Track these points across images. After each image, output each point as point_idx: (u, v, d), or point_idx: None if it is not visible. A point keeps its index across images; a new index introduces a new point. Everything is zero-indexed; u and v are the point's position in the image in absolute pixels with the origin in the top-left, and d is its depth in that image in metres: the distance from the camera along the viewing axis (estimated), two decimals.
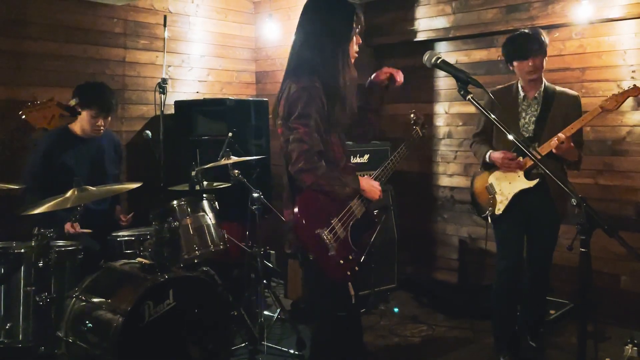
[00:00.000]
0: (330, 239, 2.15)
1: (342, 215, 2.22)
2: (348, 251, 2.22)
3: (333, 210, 2.21)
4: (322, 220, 2.17)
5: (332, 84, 2.21)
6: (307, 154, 2.11)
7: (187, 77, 4.93)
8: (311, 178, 2.13)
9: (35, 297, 2.75)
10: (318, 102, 2.15)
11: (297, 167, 2.13)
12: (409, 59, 5.05)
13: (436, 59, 1.93)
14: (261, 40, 5.35)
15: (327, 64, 2.22)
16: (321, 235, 2.14)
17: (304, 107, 2.14)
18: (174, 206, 3.10)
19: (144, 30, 4.61)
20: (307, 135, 2.12)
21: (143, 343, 2.63)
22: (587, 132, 4.08)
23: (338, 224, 2.19)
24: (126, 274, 2.87)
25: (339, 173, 2.23)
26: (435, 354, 3.53)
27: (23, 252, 2.81)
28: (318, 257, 2.16)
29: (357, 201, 2.30)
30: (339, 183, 2.19)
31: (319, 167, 2.14)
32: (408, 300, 4.52)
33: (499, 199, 3.26)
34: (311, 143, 2.12)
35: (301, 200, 2.18)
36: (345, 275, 2.20)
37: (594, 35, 4.02)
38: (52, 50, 4.09)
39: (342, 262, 2.18)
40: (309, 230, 2.14)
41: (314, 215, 2.16)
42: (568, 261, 4.19)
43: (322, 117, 2.17)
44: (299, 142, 2.12)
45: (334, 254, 2.15)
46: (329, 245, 2.15)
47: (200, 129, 4.59)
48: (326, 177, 2.16)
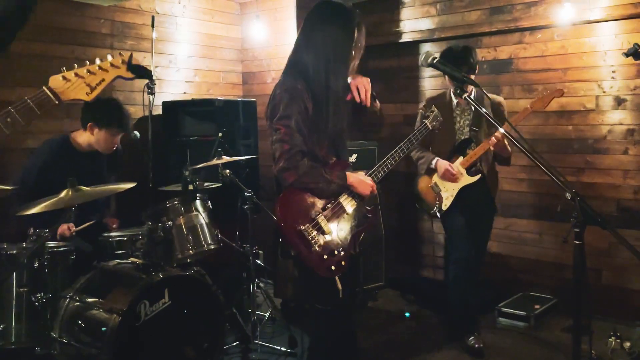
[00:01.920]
0: (315, 235, 2.18)
1: (328, 211, 2.24)
2: (334, 246, 2.23)
3: (319, 206, 2.24)
4: (305, 216, 2.20)
5: (320, 90, 2.24)
6: (288, 154, 2.16)
7: (175, 78, 4.93)
8: (293, 176, 2.17)
9: (30, 297, 2.74)
10: (300, 103, 2.19)
11: (278, 166, 2.18)
12: (394, 60, 5.14)
13: (432, 58, 1.99)
14: (248, 41, 5.37)
15: (318, 71, 2.25)
16: (302, 231, 2.16)
17: (285, 108, 2.19)
18: (167, 206, 3.11)
19: (131, 31, 4.59)
20: (288, 135, 2.17)
21: (138, 342, 2.64)
22: (569, 131, 4.20)
23: (323, 220, 2.22)
24: (120, 274, 2.87)
25: (323, 170, 2.25)
26: (424, 350, 3.59)
27: (16, 253, 2.79)
28: (300, 253, 2.18)
29: (348, 197, 2.31)
30: (323, 180, 2.22)
31: (300, 166, 2.17)
32: (395, 298, 4.58)
33: (445, 195, 3.56)
34: (292, 142, 2.16)
35: (283, 197, 2.21)
36: (329, 270, 2.21)
37: (576, 36, 4.13)
38: (39, 51, 4.05)
39: (326, 257, 2.20)
40: (291, 226, 2.16)
41: (296, 211, 2.19)
42: (552, 257, 4.30)
43: (305, 118, 2.20)
44: (280, 142, 2.18)
45: (317, 249, 2.18)
46: (312, 240, 2.17)
47: (188, 129, 4.58)
48: (309, 174, 2.19)
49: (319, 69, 2.25)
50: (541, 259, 4.38)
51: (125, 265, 2.98)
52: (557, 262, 4.27)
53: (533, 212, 4.42)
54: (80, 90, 1.43)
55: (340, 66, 2.28)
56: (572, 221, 1.63)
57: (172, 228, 3.03)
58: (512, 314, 3.98)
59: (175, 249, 3.07)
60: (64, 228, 3.13)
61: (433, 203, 3.61)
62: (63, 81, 1.38)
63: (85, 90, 1.45)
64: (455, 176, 3.49)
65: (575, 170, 4.17)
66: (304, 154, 2.20)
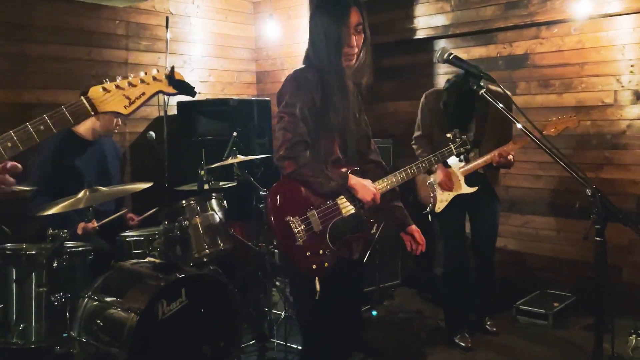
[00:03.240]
0: (301, 229, 2.09)
1: (322, 209, 2.14)
2: (321, 246, 2.12)
3: (313, 202, 2.14)
4: (296, 208, 2.12)
5: (326, 79, 2.17)
6: (290, 142, 2.09)
7: (189, 78, 4.91)
8: (292, 166, 2.10)
9: (49, 297, 2.77)
10: (306, 92, 2.13)
11: (278, 154, 2.11)
12: (408, 57, 5.11)
13: (448, 54, 1.97)
14: (261, 41, 5.37)
15: (320, 60, 2.17)
16: (289, 223, 2.08)
17: (290, 96, 2.14)
18: (184, 206, 3.12)
19: (145, 32, 4.62)
20: (292, 124, 2.10)
21: (156, 341, 2.65)
22: (587, 126, 4.15)
23: (315, 217, 2.11)
24: (138, 273, 2.89)
25: (324, 166, 2.16)
26: (440, 348, 3.56)
27: (36, 253, 2.82)
28: (282, 244, 2.13)
29: (347, 200, 2.18)
30: (323, 175, 2.13)
31: (300, 156, 2.10)
32: (412, 296, 4.56)
33: (440, 198, 3.52)
34: (295, 132, 2.10)
35: (278, 185, 2.16)
36: (310, 267, 2.10)
37: (593, 30, 4.08)
38: (55, 52, 4.10)
39: (309, 254, 2.10)
40: (279, 215, 2.10)
41: (288, 202, 2.12)
42: (570, 254, 4.25)
43: (311, 108, 2.14)
44: (282, 131, 2.11)
45: (300, 244, 2.08)
46: (297, 234, 2.08)
47: (203, 129, 4.60)
48: (309, 167, 2.11)
49: (323, 60, 2.16)
50: (559, 257, 4.33)
51: (142, 264, 3.00)
52: (575, 260, 4.21)
53: (551, 209, 4.37)
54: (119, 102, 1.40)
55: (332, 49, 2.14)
56: (593, 218, 1.60)
57: (188, 227, 3.04)
58: (531, 312, 3.94)
59: (191, 248, 3.08)
60: (84, 225, 3.16)
61: (427, 200, 3.57)
62: (102, 92, 1.38)
63: (124, 103, 1.41)
64: (451, 188, 3.44)
65: (594, 167, 4.12)
66: (307, 145, 2.13)
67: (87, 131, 3.50)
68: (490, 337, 3.67)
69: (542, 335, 3.72)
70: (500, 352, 3.48)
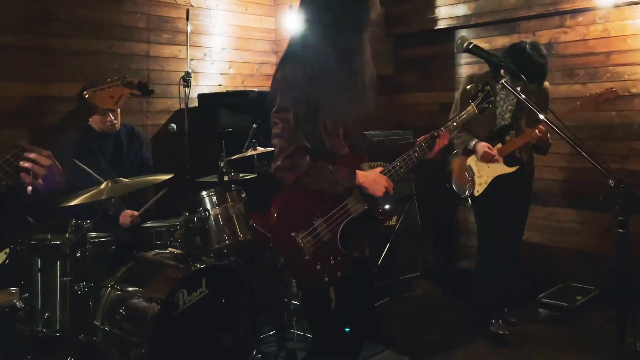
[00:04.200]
0: (308, 242, 1.97)
1: (331, 215, 2.02)
2: (331, 254, 2.02)
3: (320, 209, 2.01)
4: (301, 221, 1.98)
5: (328, 74, 2.00)
6: (286, 151, 1.96)
7: (210, 70, 4.98)
8: (292, 176, 1.97)
9: (73, 286, 2.83)
10: (298, 92, 1.96)
11: (276, 164, 1.99)
12: (429, 48, 5.06)
13: (468, 44, 1.94)
14: (281, 32, 5.37)
15: (321, 53, 2.00)
16: (295, 238, 1.95)
17: (282, 99, 1.98)
18: (204, 197, 3.15)
19: (166, 25, 4.65)
20: (286, 130, 1.97)
21: (177, 330, 2.69)
22: (612, 117, 4.06)
23: (323, 225, 2.00)
24: (159, 264, 2.93)
25: (329, 169, 2.02)
26: (460, 341, 3.54)
27: (60, 243, 2.88)
28: (289, 262, 2.00)
29: (356, 198, 2.08)
30: (327, 181, 1.99)
31: (299, 165, 1.96)
32: (432, 289, 4.53)
33: (478, 181, 3.43)
34: (290, 139, 1.96)
35: (279, 198, 2.02)
36: (321, 280, 2.00)
37: (619, 18, 3.98)
38: (78, 46, 4.15)
39: (319, 267, 1.99)
40: (283, 232, 1.97)
41: (291, 216, 1.99)
42: (594, 247, 4.18)
43: (305, 109, 1.98)
44: (278, 139, 1.99)
45: (308, 259, 1.96)
46: (304, 249, 1.96)
47: (223, 121, 4.63)
48: (311, 175, 1.98)
49: (326, 52, 2.00)
50: (583, 249, 4.26)
51: (163, 255, 3.04)
52: (599, 253, 4.14)
53: (574, 201, 4.30)
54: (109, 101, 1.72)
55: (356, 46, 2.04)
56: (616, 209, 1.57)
57: (208, 219, 3.07)
58: (553, 305, 3.89)
59: (211, 239, 3.10)
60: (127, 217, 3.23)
61: (464, 186, 3.50)
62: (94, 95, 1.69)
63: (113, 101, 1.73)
64: (495, 157, 3.33)
65: (619, 158, 4.03)
66: (306, 151, 1.99)
67: (96, 125, 3.57)
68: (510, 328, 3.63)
69: (565, 329, 3.67)
70: (522, 345, 3.45)
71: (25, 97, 3.91)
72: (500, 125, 3.43)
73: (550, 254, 4.44)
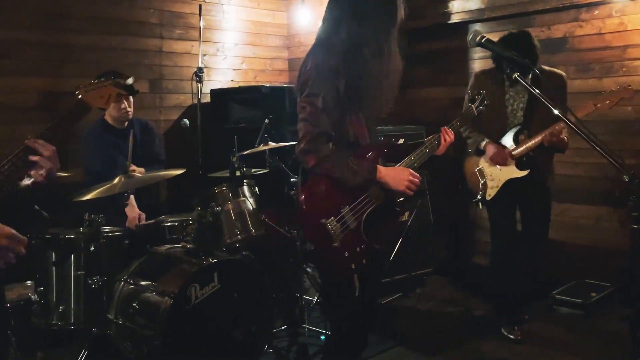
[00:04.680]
0: (337, 229, 2.01)
1: (356, 204, 2.08)
2: (357, 242, 2.07)
3: (346, 198, 2.07)
4: (330, 208, 2.04)
5: (356, 67, 2.08)
6: (311, 135, 2.02)
7: (222, 66, 4.99)
8: (313, 160, 2.03)
9: (87, 280, 2.85)
10: (329, 80, 2.05)
11: (300, 147, 2.05)
12: (442, 42, 5.02)
13: (481, 37, 1.92)
14: (293, 27, 5.37)
15: (353, 46, 2.09)
16: (326, 225, 2.00)
17: (313, 85, 2.05)
18: (216, 192, 3.16)
19: (179, 20, 4.67)
20: (313, 115, 2.03)
21: (189, 324, 2.70)
22: (628, 112, 4.01)
23: (349, 213, 2.06)
24: (172, 258, 2.95)
25: (350, 160, 2.08)
26: (471, 338, 3.53)
27: (74, 237, 2.91)
28: (318, 249, 2.02)
29: (377, 189, 2.15)
30: (347, 170, 2.05)
31: (322, 149, 2.03)
32: (444, 284, 4.52)
33: (490, 184, 3.38)
34: (317, 124, 2.02)
35: (309, 185, 2.07)
36: (349, 268, 2.06)
37: (635, 12, 3.92)
38: (92, 42, 4.18)
39: (346, 254, 2.04)
40: (313, 219, 2.01)
41: (321, 203, 2.04)
42: (609, 243, 4.14)
43: (335, 96, 2.05)
44: (304, 122, 2.05)
45: (337, 245, 2.01)
46: (333, 236, 2.01)
47: (235, 116, 4.64)
48: (331, 161, 2.03)
49: (355, 46, 2.08)
50: (598, 246, 4.22)
51: (176, 249, 3.06)
52: (614, 249, 4.10)
53: (589, 197, 4.26)
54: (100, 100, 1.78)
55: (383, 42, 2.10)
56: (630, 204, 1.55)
57: (220, 213, 3.08)
58: (567, 301, 3.86)
59: (223, 234, 3.12)
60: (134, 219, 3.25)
61: (476, 189, 3.45)
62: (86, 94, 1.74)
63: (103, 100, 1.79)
64: (506, 159, 3.30)
65: (635, 153, 3.97)
66: (329, 137, 2.05)
67: (111, 119, 3.61)
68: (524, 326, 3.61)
69: (579, 326, 3.64)
70: (535, 342, 3.42)
71: (41, 92, 3.95)
72: (513, 124, 3.36)
73: (565, 250, 4.39)
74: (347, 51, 2.08)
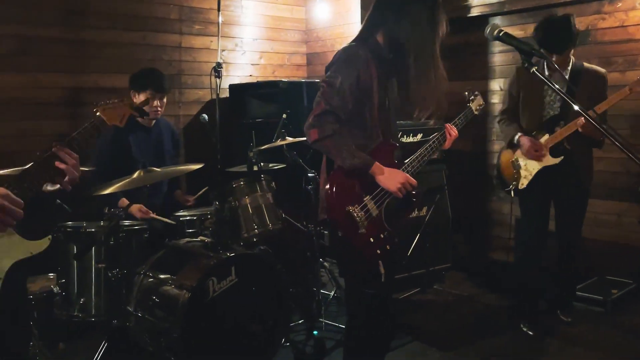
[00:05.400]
0: (362, 216, 2.12)
1: (376, 193, 2.17)
2: (380, 230, 2.17)
3: (367, 188, 2.16)
4: (353, 197, 2.14)
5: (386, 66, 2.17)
6: (318, 110, 2.08)
7: (241, 61, 5.01)
8: (315, 134, 2.08)
9: (107, 273, 2.90)
10: (353, 68, 2.11)
11: (307, 122, 2.11)
12: (462, 36, 4.96)
13: (498, 31, 1.89)
14: (312, 22, 5.36)
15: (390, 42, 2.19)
16: (351, 212, 2.11)
17: (336, 69, 2.13)
18: (233, 186, 3.18)
19: (198, 16, 4.70)
20: (328, 94, 2.09)
21: (207, 318, 2.73)
22: None
23: (371, 202, 2.15)
24: (190, 252, 2.98)
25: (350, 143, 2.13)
26: (489, 333, 3.50)
27: (95, 231, 2.95)
28: (347, 234, 2.12)
29: None
30: (347, 150, 2.10)
31: (325, 126, 2.07)
32: (463, 280, 4.49)
33: (523, 174, 3.37)
34: (326, 100, 2.08)
35: (334, 175, 2.16)
36: (375, 253, 2.16)
37: None
38: (112, 38, 4.23)
39: (372, 240, 2.15)
40: (340, 206, 2.11)
41: (345, 192, 2.13)
42: (631, 240, 4.08)
43: (353, 84, 2.10)
44: (318, 99, 2.11)
45: (364, 231, 2.12)
46: (359, 222, 2.11)
47: (254, 111, 4.66)
48: (332, 139, 2.08)
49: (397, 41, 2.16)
50: (619, 242, 4.15)
51: (194, 243, 3.09)
52: (636, 245, 4.03)
53: (611, 192, 4.19)
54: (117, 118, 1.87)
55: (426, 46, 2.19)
56: None
57: (237, 208, 3.10)
58: (588, 298, 3.82)
59: (241, 228, 3.14)
60: (135, 210, 3.27)
61: (510, 179, 3.43)
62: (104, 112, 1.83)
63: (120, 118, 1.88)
64: (539, 153, 3.27)
65: None
66: (337, 118, 2.09)
67: None
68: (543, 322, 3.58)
69: (599, 322, 3.59)
70: (554, 338, 3.39)
71: (62, 88, 4.01)
72: (550, 115, 3.32)
73: (586, 246, 4.33)
74: (377, 47, 2.17)
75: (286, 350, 3.13)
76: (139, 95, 3.54)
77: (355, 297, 2.35)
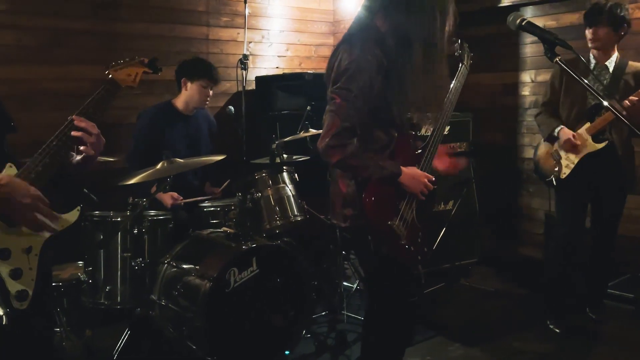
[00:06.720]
0: (401, 227, 2.07)
1: (408, 198, 2.11)
2: (417, 233, 2.15)
3: (400, 192, 2.08)
4: (392, 207, 2.06)
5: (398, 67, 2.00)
6: (338, 129, 1.94)
7: (267, 53, 5.01)
8: (338, 155, 1.96)
9: (131, 262, 2.95)
10: (366, 76, 1.96)
11: (324, 142, 1.97)
12: (492, 26, 4.86)
13: (521, 20, 1.84)
14: (339, 13, 5.32)
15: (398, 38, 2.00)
16: (393, 227, 2.05)
17: (348, 80, 1.96)
18: (256, 178, 3.19)
19: (225, 8, 4.72)
20: (342, 108, 1.95)
21: (228, 308, 2.75)
22: None
23: (406, 207, 2.10)
24: (213, 242, 3.01)
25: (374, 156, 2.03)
26: (514, 329, 3.45)
27: (119, 220, 3.01)
28: (392, 251, 2.08)
29: None
30: (373, 163, 2.01)
31: (347, 145, 1.95)
32: (490, 275, 4.43)
33: (565, 163, 3.29)
34: (344, 117, 1.94)
35: (369, 193, 2.03)
36: (415, 260, 2.16)
37: None
38: (141, 30, 4.28)
39: (412, 248, 2.11)
40: (381, 223, 2.04)
41: (382, 206, 2.05)
42: None
43: (367, 94, 1.96)
44: (332, 114, 1.97)
45: (404, 242, 2.08)
46: (401, 235, 2.07)
47: (279, 103, 4.66)
48: (357, 157, 1.98)
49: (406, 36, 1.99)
50: None
51: (217, 234, 3.12)
52: None
53: None
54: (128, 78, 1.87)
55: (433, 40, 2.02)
56: None
57: (260, 199, 3.12)
58: (619, 296, 3.73)
59: (263, 220, 3.15)
60: (167, 199, 3.31)
61: (551, 170, 3.36)
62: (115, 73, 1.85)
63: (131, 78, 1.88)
64: (576, 148, 3.22)
65: None
66: (354, 134, 1.98)
67: (183, 104, 3.63)
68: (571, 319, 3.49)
69: (630, 321, 3.50)
70: (582, 336, 3.32)
71: (92, 80, 4.07)
72: (592, 104, 3.26)
73: (617, 243, 4.20)
74: (390, 50, 2.00)
75: (307, 342, 3.13)
76: (190, 83, 3.57)
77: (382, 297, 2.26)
